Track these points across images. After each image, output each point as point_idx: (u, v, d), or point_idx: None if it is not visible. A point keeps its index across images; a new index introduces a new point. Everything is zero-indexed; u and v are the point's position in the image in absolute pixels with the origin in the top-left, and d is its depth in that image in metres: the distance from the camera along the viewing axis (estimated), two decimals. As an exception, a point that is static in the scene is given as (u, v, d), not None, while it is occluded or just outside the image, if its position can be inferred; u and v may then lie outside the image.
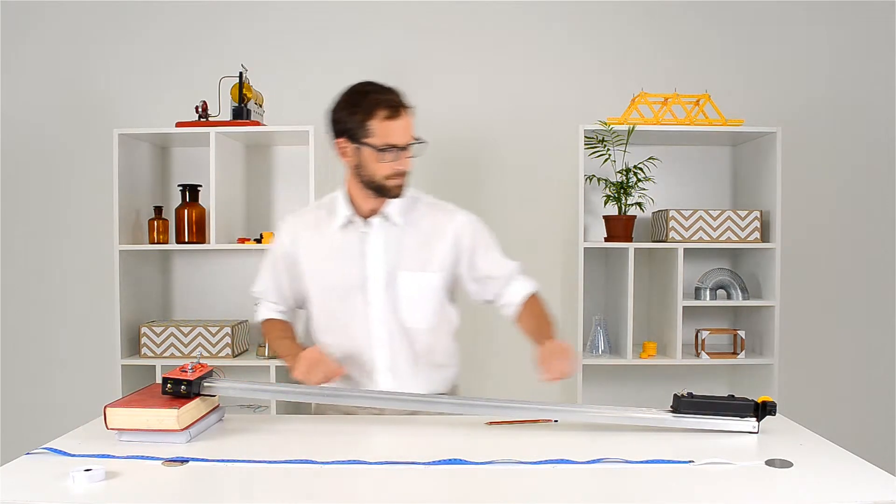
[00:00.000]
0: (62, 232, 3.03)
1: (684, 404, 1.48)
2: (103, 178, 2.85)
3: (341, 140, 1.66)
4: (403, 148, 1.62)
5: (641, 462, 1.28)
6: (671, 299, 2.72)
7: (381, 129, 1.60)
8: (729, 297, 2.78)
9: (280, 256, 1.79)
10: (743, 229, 2.70)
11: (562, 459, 1.28)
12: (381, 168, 1.63)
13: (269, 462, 1.27)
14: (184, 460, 1.29)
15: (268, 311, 1.84)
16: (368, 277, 1.69)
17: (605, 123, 2.65)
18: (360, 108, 1.61)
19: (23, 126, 3.02)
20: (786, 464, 1.27)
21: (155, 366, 2.68)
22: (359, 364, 1.72)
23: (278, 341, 1.77)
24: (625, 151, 2.78)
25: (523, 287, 1.79)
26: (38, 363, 3.05)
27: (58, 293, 3.04)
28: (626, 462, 1.28)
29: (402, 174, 1.64)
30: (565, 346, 1.59)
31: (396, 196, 1.67)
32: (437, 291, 1.73)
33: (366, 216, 1.71)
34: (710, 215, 2.70)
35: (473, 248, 1.75)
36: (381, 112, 1.60)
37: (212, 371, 1.54)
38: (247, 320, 2.89)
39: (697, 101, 2.71)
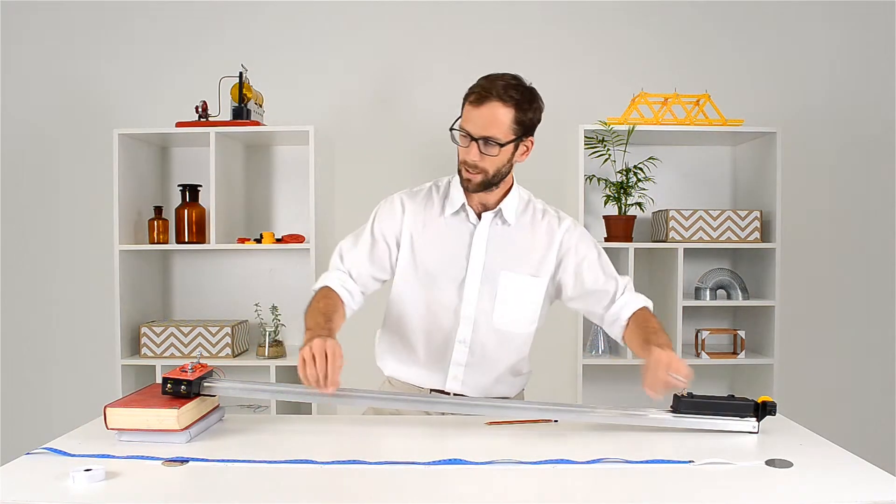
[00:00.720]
0: (62, 232, 3.03)
1: (684, 404, 1.48)
2: (103, 178, 2.85)
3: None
4: (476, 139, 1.55)
5: (641, 462, 1.27)
6: (671, 299, 2.72)
7: (466, 111, 1.57)
8: (729, 297, 2.78)
9: (385, 231, 1.69)
10: (743, 229, 2.70)
11: (562, 459, 1.28)
12: (459, 152, 1.60)
13: (269, 462, 1.27)
14: (184, 460, 1.29)
15: (334, 280, 1.66)
16: (469, 271, 1.64)
17: (605, 123, 2.65)
18: (471, 87, 1.58)
19: (23, 126, 3.02)
20: (786, 464, 1.27)
21: (155, 366, 2.68)
22: (436, 355, 1.68)
23: (315, 312, 1.56)
24: (625, 151, 2.78)
25: (633, 303, 1.69)
26: (38, 363, 3.05)
27: (58, 293, 3.04)
28: (626, 462, 1.28)
29: (469, 165, 1.58)
30: (671, 356, 1.43)
31: (466, 189, 1.63)
32: (535, 297, 1.68)
33: (476, 207, 1.67)
34: (710, 215, 2.70)
35: (579, 259, 1.69)
36: (472, 95, 1.56)
37: (212, 371, 1.54)
38: (247, 320, 2.89)
39: (697, 101, 2.71)
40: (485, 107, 1.54)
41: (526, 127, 1.59)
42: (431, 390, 1.71)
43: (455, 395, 1.69)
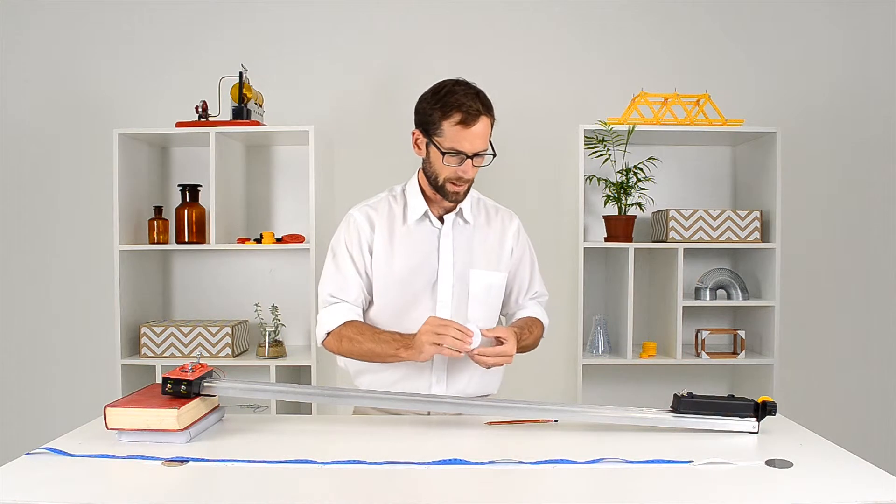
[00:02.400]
0: (62, 232, 3.03)
1: (684, 404, 1.48)
2: (103, 178, 2.85)
3: (417, 131, 1.67)
4: (470, 156, 1.60)
5: (641, 462, 1.27)
6: (671, 299, 2.72)
7: (452, 132, 1.59)
8: (729, 297, 2.78)
9: (358, 248, 1.71)
10: (743, 229, 2.70)
11: (562, 459, 1.28)
12: (444, 169, 1.63)
13: (269, 462, 1.27)
14: (184, 460, 1.29)
15: (344, 313, 1.69)
16: (441, 274, 1.69)
17: (605, 123, 2.65)
18: (440, 105, 1.59)
19: (23, 126, 3.02)
20: (786, 464, 1.27)
21: (155, 366, 2.68)
22: (416, 363, 1.69)
23: (378, 337, 1.62)
24: (625, 151, 2.78)
25: (532, 311, 1.83)
26: (38, 363, 3.05)
27: (58, 293, 3.04)
28: (626, 462, 1.28)
29: (462, 180, 1.63)
30: (509, 346, 1.58)
31: (453, 201, 1.67)
32: (500, 291, 1.77)
33: (437, 213, 1.72)
34: (710, 215, 2.70)
35: (522, 259, 1.82)
36: (456, 115, 1.58)
37: (212, 371, 1.54)
38: (247, 320, 2.89)
39: (697, 101, 2.71)
40: (476, 125, 1.59)
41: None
42: None
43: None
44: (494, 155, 1.64)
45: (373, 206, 1.75)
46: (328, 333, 1.70)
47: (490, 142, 1.64)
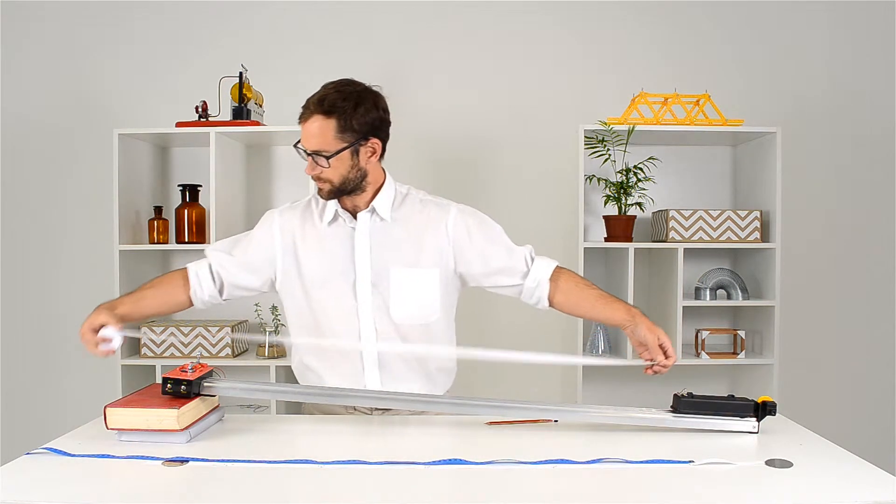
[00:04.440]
0: (62, 232, 3.03)
1: (684, 404, 1.48)
2: (103, 178, 2.85)
3: None
4: (310, 153, 1.58)
5: (641, 462, 1.27)
6: (671, 299, 2.72)
7: (302, 128, 1.60)
8: (729, 297, 2.78)
9: (260, 242, 1.71)
10: (743, 229, 2.70)
11: (562, 459, 1.28)
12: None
13: (269, 462, 1.27)
14: (184, 460, 1.29)
15: (191, 266, 1.74)
16: (358, 273, 1.65)
17: (605, 123, 2.65)
18: None
19: (23, 126, 3.02)
20: (786, 464, 1.27)
21: (155, 366, 2.68)
22: (350, 362, 1.68)
23: (143, 290, 1.71)
24: (625, 151, 2.78)
25: (544, 269, 1.70)
26: (39, 363, 3.05)
27: (58, 293, 3.04)
28: (626, 462, 1.28)
29: (313, 177, 1.61)
30: (657, 332, 1.60)
31: (322, 198, 1.65)
32: (431, 288, 1.67)
33: (350, 211, 1.68)
34: (710, 215, 2.70)
35: (477, 243, 1.69)
36: (302, 112, 1.60)
37: (212, 371, 1.54)
38: (247, 320, 2.89)
39: (697, 101, 2.71)
40: (308, 122, 1.58)
41: (358, 132, 1.58)
42: None
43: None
44: (330, 157, 1.56)
45: (291, 208, 1.75)
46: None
47: (351, 145, 1.57)
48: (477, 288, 1.77)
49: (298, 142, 1.62)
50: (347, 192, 1.63)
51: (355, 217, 1.67)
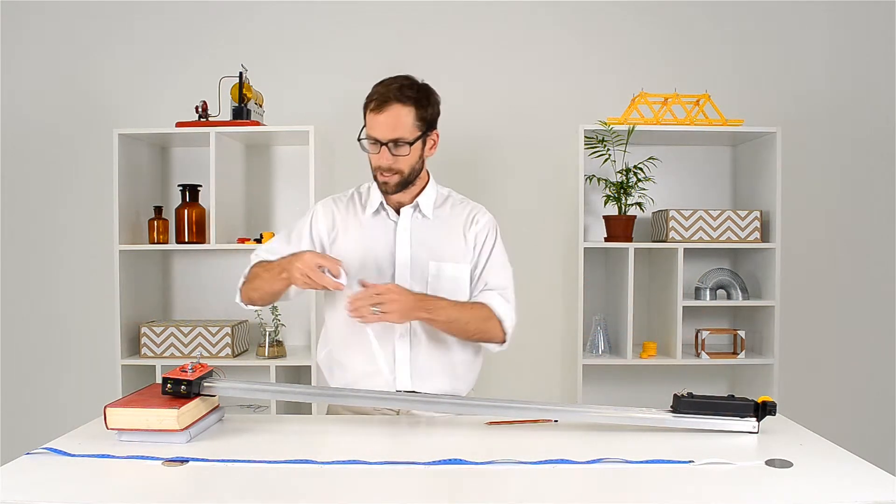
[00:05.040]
0: (62, 232, 3.03)
1: (684, 404, 1.48)
2: (103, 178, 2.85)
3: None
4: (384, 143, 1.62)
5: (641, 462, 1.27)
6: (671, 299, 2.72)
7: (368, 120, 1.64)
8: (729, 297, 2.78)
9: (309, 233, 1.76)
10: (743, 229, 2.70)
11: (562, 459, 1.28)
12: (370, 158, 1.66)
13: (269, 462, 1.27)
14: (184, 460, 1.29)
15: (265, 257, 1.76)
16: (398, 266, 1.69)
17: (605, 123, 2.65)
18: (367, 95, 1.65)
19: (23, 126, 3.02)
20: (786, 464, 1.27)
21: (155, 366, 2.68)
22: (380, 357, 1.69)
23: (269, 265, 1.68)
24: (625, 151, 2.78)
25: (498, 304, 1.70)
26: (38, 363, 3.05)
27: (58, 293, 3.04)
28: (626, 462, 1.28)
29: (383, 169, 1.64)
30: (384, 289, 1.54)
31: (386, 192, 1.69)
32: (463, 283, 1.73)
33: (394, 206, 1.73)
34: (710, 215, 2.70)
35: (489, 255, 1.76)
36: (370, 104, 1.63)
37: (212, 371, 1.54)
38: (247, 320, 2.89)
39: (697, 101, 2.71)
40: (386, 111, 1.61)
41: (428, 122, 1.67)
42: None
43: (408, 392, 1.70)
44: (412, 144, 1.62)
45: (336, 199, 1.80)
46: (243, 281, 1.77)
47: (424, 135, 1.65)
48: None
49: (361, 136, 1.64)
50: (408, 185, 1.68)
51: (397, 212, 1.73)
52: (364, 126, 1.65)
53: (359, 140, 1.66)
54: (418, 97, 1.64)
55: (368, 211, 1.74)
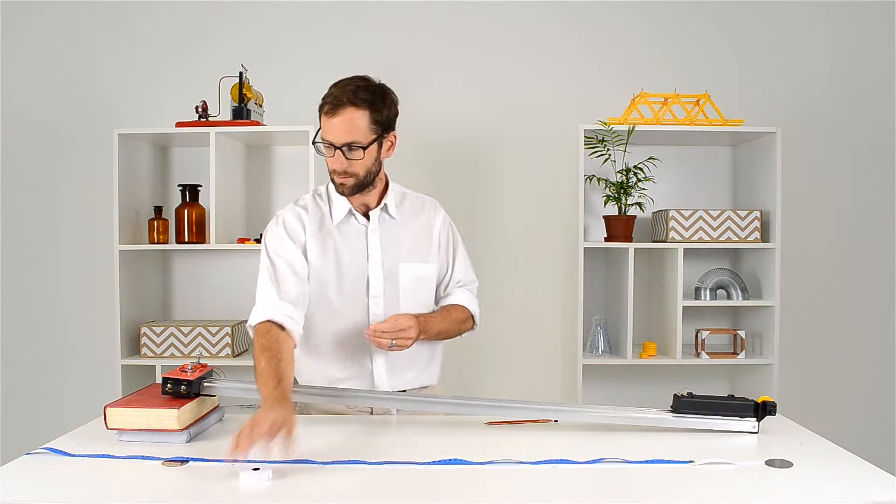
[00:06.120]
0: (62, 232, 3.03)
1: (684, 404, 1.48)
2: (103, 178, 2.85)
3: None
4: (339, 147, 1.58)
5: (641, 462, 1.28)
6: (671, 299, 2.72)
7: (324, 123, 1.60)
8: (729, 297, 2.78)
9: (291, 244, 1.68)
10: (743, 229, 2.70)
11: (562, 459, 1.28)
12: (327, 162, 1.64)
13: (269, 462, 1.27)
14: (184, 460, 1.29)
15: (271, 310, 1.59)
16: (371, 269, 1.69)
17: (605, 123, 2.65)
18: (322, 98, 1.62)
19: (23, 126, 3.02)
20: (786, 464, 1.27)
21: (155, 366, 2.68)
22: (356, 358, 1.70)
23: (263, 374, 1.44)
24: (625, 151, 2.78)
25: (457, 298, 1.78)
26: (39, 363, 3.05)
27: (58, 293, 3.04)
28: (626, 462, 1.28)
29: (338, 172, 1.62)
30: (405, 324, 1.58)
31: (342, 194, 1.67)
32: (431, 282, 1.77)
33: (360, 210, 1.72)
34: (710, 215, 2.70)
35: (454, 253, 1.81)
36: (325, 105, 1.60)
37: (212, 371, 1.54)
38: (246, 320, 2.88)
39: (697, 101, 2.71)
40: (340, 115, 1.58)
41: (384, 125, 1.63)
42: None
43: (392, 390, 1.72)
44: (366, 148, 1.59)
45: (302, 206, 1.74)
46: (253, 328, 1.62)
47: (380, 137, 1.61)
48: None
49: (316, 139, 1.62)
50: (365, 187, 1.67)
51: (365, 215, 1.72)
52: (319, 128, 1.62)
53: (313, 143, 1.63)
54: (373, 99, 1.59)
55: (337, 216, 1.71)
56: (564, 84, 3.01)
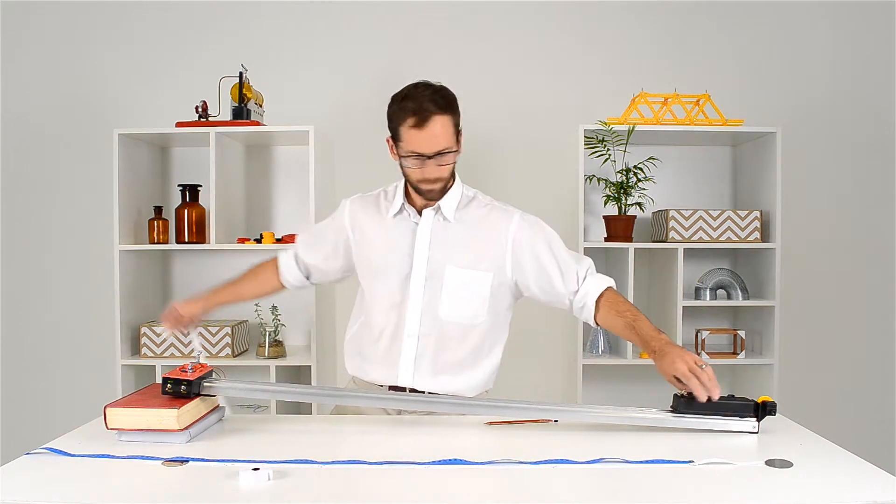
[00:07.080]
0: (62, 232, 3.03)
1: (684, 404, 1.48)
2: (103, 178, 2.86)
3: (389, 138, 1.66)
4: (430, 157, 1.59)
5: (641, 462, 1.27)
6: (671, 299, 2.72)
7: (408, 136, 1.58)
8: (729, 297, 2.78)
9: (334, 229, 1.82)
10: (743, 229, 2.70)
11: (562, 459, 1.28)
12: (411, 173, 1.63)
13: (270, 462, 1.27)
14: (184, 460, 1.29)
15: (283, 255, 1.90)
16: (414, 267, 1.68)
17: (605, 123, 2.65)
18: (395, 111, 1.60)
19: (23, 126, 3.02)
20: (786, 464, 1.27)
21: (155, 366, 2.68)
22: (389, 351, 1.70)
23: (241, 278, 1.93)
24: (625, 151, 2.78)
25: (592, 291, 1.70)
26: (38, 363, 3.05)
27: (58, 293, 3.04)
28: (626, 462, 1.28)
29: (429, 181, 1.63)
30: (701, 365, 1.48)
31: (431, 199, 1.68)
32: (481, 290, 1.69)
33: (418, 208, 1.72)
34: (710, 215, 2.70)
35: (537, 253, 1.70)
36: (408, 120, 1.57)
37: (212, 371, 1.54)
38: (247, 320, 2.89)
39: (697, 101, 2.71)
40: (430, 125, 1.57)
41: (458, 123, 1.66)
42: (389, 387, 1.71)
43: (411, 391, 1.70)
44: (457, 152, 1.64)
45: (364, 198, 1.81)
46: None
47: (458, 136, 1.64)
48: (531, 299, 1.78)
49: (401, 153, 1.61)
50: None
51: (419, 213, 1.71)
52: (398, 142, 1.61)
53: (399, 159, 1.62)
54: (449, 102, 1.61)
55: (391, 212, 1.73)
56: (564, 84, 3.01)
